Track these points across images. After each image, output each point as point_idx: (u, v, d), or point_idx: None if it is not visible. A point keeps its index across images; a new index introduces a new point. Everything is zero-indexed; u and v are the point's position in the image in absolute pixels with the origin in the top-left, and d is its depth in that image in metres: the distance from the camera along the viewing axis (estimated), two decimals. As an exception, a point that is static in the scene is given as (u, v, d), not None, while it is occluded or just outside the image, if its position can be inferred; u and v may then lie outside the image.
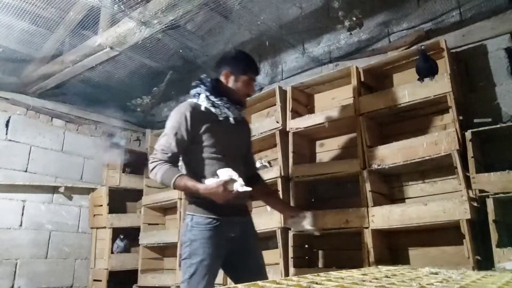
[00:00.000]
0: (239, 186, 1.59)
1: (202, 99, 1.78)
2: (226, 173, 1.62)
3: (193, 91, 1.84)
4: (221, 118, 1.78)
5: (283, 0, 2.92)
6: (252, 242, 1.84)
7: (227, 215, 1.71)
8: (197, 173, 1.72)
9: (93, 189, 3.93)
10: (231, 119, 1.79)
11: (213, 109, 1.78)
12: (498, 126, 2.01)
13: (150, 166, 1.70)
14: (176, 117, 1.74)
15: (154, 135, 4.02)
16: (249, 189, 1.61)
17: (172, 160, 1.70)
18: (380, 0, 2.74)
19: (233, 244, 1.73)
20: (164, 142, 1.71)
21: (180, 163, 1.81)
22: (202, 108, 1.77)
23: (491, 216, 1.85)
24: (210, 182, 1.61)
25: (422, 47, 2.21)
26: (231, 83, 1.84)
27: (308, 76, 2.96)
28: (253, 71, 1.89)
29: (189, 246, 1.67)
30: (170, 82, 3.86)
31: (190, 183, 1.63)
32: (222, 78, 1.85)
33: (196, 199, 1.72)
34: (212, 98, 1.78)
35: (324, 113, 2.57)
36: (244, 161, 1.92)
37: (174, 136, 1.70)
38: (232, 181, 1.60)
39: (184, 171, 1.79)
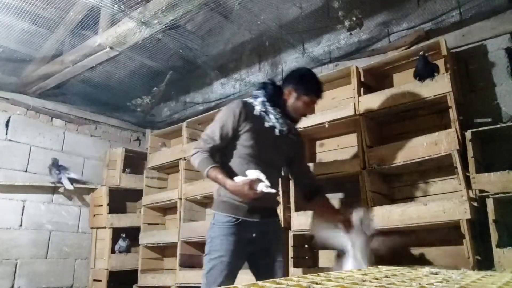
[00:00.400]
0: (264, 187, 1.63)
1: (258, 102, 1.83)
2: (254, 174, 1.66)
3: (254, 92, 1.89)
4: (267, 126, 1.82)
5: (283, 0, 2.92)
6: (274, 244, 1.85)
7: (248, 216, 1.75)
8: (228, 168, 1.77)
9: (93, 189, 3.93)
10: (276, 131, 1.82)
11: (263, 115, 1.82)
12: (498, 126, 2.01)
13: (193, 151, 1.79)
14: (226, 111, 1.81)
15: (154, 135, 4.03)
16: (273, 191, 1.66)
17: (212, 151, 1.77)
18: (380, 0, 2.74)
19: (255, 244, 1.77)
20: (210, 132, 1.79)
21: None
22: (255, 112, 1.81)
23: (491, 216, 1.85)
24: (238, 180, 1.66)
25: (421, 52, 2.21)
26: (292, 99, 1.84)
27: (308, 76, 2.95)
28: (316, 94, 1.87)
29: (210, 243, 1.75)
30: (170, 82, 3.86)
31: (220, 176, 1.69)
32: (285, 92, 1.86)
33: (220, 197, 1.79)
34: (267, 104, 1.82)
35: (324, 113, 2.57)
36: (295, 176, 1.97)
37: (220, 129, 1.77)
38: (259, 181, 1.64)
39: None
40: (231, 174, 1.73)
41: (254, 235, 1.76)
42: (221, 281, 1.64)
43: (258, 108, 1.82)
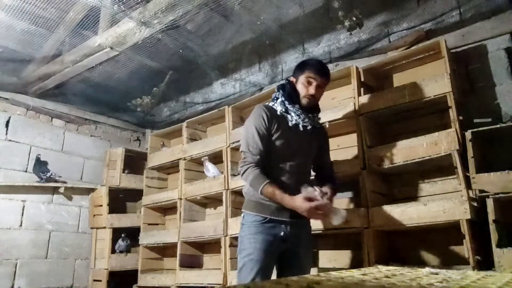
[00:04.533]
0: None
1: (278, 103, 1.85)
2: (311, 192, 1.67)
3: (273, 94, 1.91)
4: (291, 125, 1.83)
5: (283, 0, 2.92)
6: (303, 246, 1.84)
7: (276, 215, 1.76)
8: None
9: (93, 189, 3.93)
10: (300, 127, 1.83)
11: (285, 114, 1.83)
12: (498, 126, 2.01)
13: (242, 169, 1.76)
14: (254, 117, 1.82)
15: (154, 135, 4.03)
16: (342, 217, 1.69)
17: (261, 162, 1.75)
18: (380, 0, 2.74)
19: (286, 243, 1.78)
20: (251, 142, 1.77)
21: None
22: (278, 112, 1.83)
23: (491, 216, 1.85)
24: (299, 199, 1.66)
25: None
26: (297, 87, 1.87)
27: (308, 76, 2.95)
28: (310, 68, 1.86)
29: (240, 243, 1.79)
30: (170, 82, 3.86)
31: (278, 192, 1.68)
32: (293, 84, 1.89)
33: (249, 197, 1.82)
34: (286, 103, 1.84)
35: (324, 113, 2.56)
36: (317, 167, 1.96)
37: (258, 134, 1.77)
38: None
39: None
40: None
41: (282, 233, 1.76)
42: (251, 278, 1.66)
43: (279, 109, 1.84)
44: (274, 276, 1.86)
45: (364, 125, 2.37)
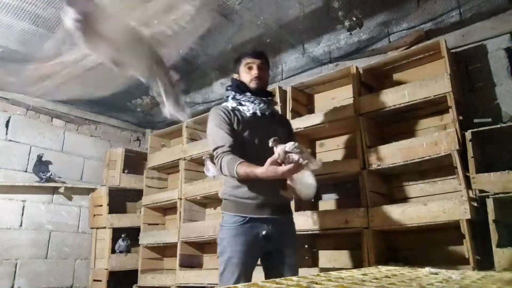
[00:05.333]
0: (294, 155, 1.47)
1: (230, 100, 1.87)
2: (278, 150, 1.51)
3: (225, 95, 1.93)
4: (249, 114, 1.83)
5: (283, 0, 2.91)
6: (288, 244, 1.80)
7: (257, 213, 1.72)
8: None
9: (93, 189, 3.93)
10: (258, 112, 1.83)
11: (240, 107, 1.84)
12: (498, 126, 2.02)
13: (217, 164, 1.72)
14: (213, 119, 1.82)
15: (154, 135, 4.03)
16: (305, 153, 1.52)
17: (232, 149, 1.70)
18: (380, 0, 2.74)
19: (270, 243, 1.74)
20: (217, 138, 1.74)
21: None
22: (229, 109, 1.84)
23: (491, 216, 1.85)
24: (272, 168, 1.52)
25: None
26: (242, 78, 1.89)
27: (308, 76, 2.96)
28: (244, 55, 1.91)
29: (220, 245, 1.74)
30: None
31: (249, 169, 1.58)
32: (239, 77, 1.92)
33: (226, 196, 1.78)
34: (237, 96, 1.85)
35: (324, 113, 2.57)
36: None
37: (221, 129, 1.75)
38: (285, 153, 1.48)
39: None
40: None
41: (264, 232, 1.72)
42: (234, 281, 1.63)
43: (232, 105, 1.84)
44: (261, 276, 1.84)
45: (364, 125, 2.37)
